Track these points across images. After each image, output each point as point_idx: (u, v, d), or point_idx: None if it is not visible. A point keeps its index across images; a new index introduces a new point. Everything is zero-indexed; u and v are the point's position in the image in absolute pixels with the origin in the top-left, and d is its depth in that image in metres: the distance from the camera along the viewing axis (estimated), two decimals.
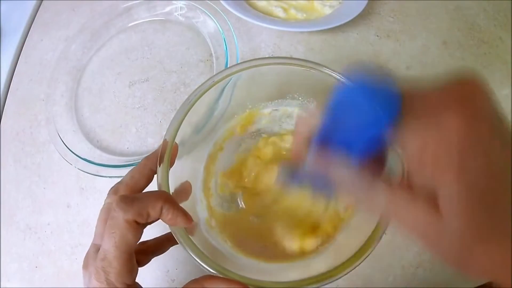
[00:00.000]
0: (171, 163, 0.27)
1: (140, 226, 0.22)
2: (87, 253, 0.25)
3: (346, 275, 0.22)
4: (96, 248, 0.24)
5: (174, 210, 0.23)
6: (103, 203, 0.26)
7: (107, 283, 0.21)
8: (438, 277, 0.34)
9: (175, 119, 0.28)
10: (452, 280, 0.34)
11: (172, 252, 0.36)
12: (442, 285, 0.34)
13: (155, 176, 0.27)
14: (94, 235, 0.25)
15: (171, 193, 0.26)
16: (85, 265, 0.24)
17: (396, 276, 0.34)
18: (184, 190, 0.30)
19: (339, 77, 0.29)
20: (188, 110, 0.29)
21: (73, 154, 0.40)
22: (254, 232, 0.32)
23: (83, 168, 0.39)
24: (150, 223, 0.23)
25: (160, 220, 0.24)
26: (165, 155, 0.27)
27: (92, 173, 0.38)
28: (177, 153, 0.28)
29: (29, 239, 0.40)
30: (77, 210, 0.40)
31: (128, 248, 0.22)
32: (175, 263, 0.36)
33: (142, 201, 0.22)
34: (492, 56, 0.43)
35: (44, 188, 0.42)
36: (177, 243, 0.25)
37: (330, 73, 0.29)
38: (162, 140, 0.28)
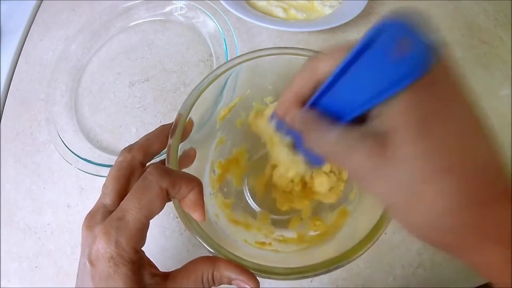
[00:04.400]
0: (184, 137, 0.27)
1: (167, 199, 0.22)
2: (91, 212, 0.23)
3: (345, 275, 0.23)
4: (105, 208, 0.23)
5: (201, 197, 0.23)
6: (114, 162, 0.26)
7: (115, 245, 0.20)
8: (438, 277, 0.34)
9: (189, 98, 0.28)
10: (452, 280, 0.34)
11: (172, 252, 0.37)
12: (442, 285, 0.34)
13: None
14: (102, 193, 0.24)
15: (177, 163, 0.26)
16: (89, 226, 0.22)
17: (396, 276, 0.34)
18: (188, 156, 0.30)
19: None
20: (206, 88, 0.29)
21: (73, 154, 0.40)
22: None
23: (83, 168, 0.39)
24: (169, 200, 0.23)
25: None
26: (177, 128, 0.27)
27: (92, 173, 0.38)
28: (191, 128, 0.28)
29: (29, 239, 0.40)
30: (77, 210, 0.40)
31: (150, 214, 0.21)
32: (175, 263, 0.36)
33: (179, 174, 0.23)
34: (492, 56, 0.43)
35: (44, 188, 0.42)
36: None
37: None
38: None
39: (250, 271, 0.22)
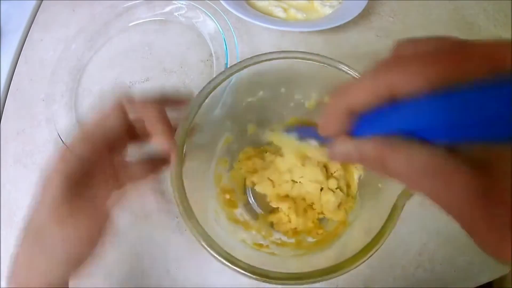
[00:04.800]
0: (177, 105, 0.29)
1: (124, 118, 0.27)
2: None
3: (346, 275, 0.22)
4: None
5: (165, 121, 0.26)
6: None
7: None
8: (438, 277, 0.34)
9: (197, 97, 0.29)
10: (452, 280, 0.34)
11: (171, 253, 0.37)
12: (442, 285, 0.34)
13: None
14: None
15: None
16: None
17: (396, 276, 0.34)
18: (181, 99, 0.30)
19: (346, 70, 0.28)
20: (216, 87, 0.29)
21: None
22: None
23: None
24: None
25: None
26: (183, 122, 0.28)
27: None
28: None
29: None
30: None
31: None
32: (176, 263, 0.36)
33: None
34: None
35: None
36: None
37: (343, 67, 0.29)
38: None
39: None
